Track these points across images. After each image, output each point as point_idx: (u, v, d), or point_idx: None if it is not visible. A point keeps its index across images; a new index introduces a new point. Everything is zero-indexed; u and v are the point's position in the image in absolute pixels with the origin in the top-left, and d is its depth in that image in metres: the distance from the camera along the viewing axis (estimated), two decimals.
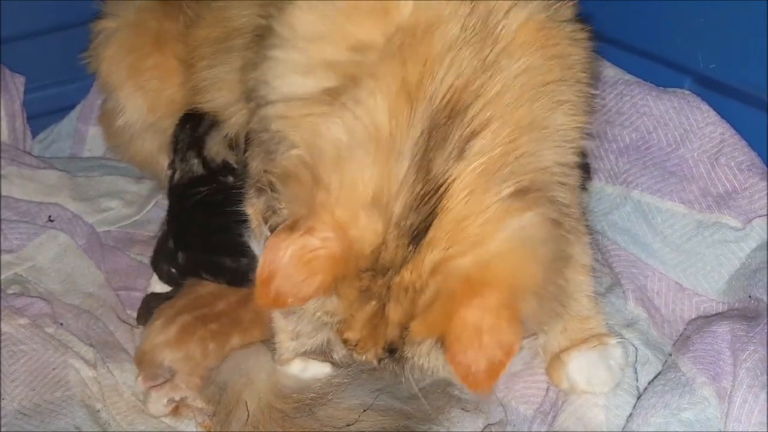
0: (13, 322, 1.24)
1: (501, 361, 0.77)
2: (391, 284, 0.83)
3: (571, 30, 0.93)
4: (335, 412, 1.09)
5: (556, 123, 0.88)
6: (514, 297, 0.78)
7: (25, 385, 1.18)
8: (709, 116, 1.21)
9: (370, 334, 0.87)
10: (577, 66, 0.92)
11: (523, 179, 0.84)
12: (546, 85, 0.87)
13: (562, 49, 0.90)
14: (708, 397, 0.96)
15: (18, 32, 1.60)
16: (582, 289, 1.13)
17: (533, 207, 0.83)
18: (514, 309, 0.77)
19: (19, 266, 1.38)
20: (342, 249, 0.82)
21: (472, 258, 0.79)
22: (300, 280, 0.82)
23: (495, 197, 0.81)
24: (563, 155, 0.90)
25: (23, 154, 1.62)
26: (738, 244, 1.14)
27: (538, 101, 0.86)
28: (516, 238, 0.81)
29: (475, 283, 0.78)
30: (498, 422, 1.13)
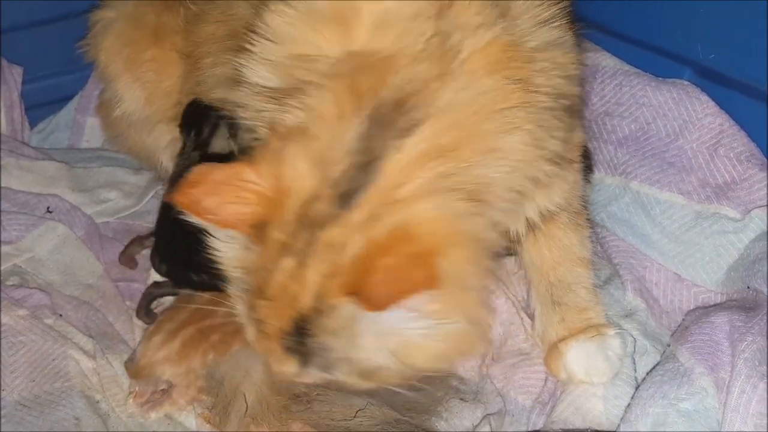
0: (12, 314, 1.24)
1: (404, 289, 0.75)
2: (315, 240, 0.82)
3: (545, 57, 0.91)
4: (332, 406, 1.09)
5: (509, 147, 0.87)
6: (431, 251, 0.78)
7: (25, 376, 1.18)
8: (708, 107, 1.21)
9: (282, 301, 0.85)
10: (544, 94, 0.90)
11: (462, 181, 0.84)
12: (501, 107, 0.86)
13: (525, 74, 0.88)
14: (706, 387, 0.96)
15: (16, 23, 1.60)
16: (580, 281, 1.14)
17: (464, 197, 0.84)
18: (430, 260, 0.76)
19: (18, 257, 1.38)
20: (274, 192, 0.84)
21: (396, 217, 0.80)
22: (225, 201, 0.85)
23: (428, 173, 0.82)
24: (514, 181, 0.90)
25: (21, 145, 1.61)
26: (737, 234, 1.14)
27: (489, 121, 0.85)
28: (442, 208, 0.81)
29: (394, 238, 0.78)
30: (497, 412, 1.13)
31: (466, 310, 0.84)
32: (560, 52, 0.93)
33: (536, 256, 1.15)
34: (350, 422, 1.07)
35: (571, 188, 1.10)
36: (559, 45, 0.93)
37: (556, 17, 0.94)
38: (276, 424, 1.09)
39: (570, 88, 0.95)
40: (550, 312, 1.15)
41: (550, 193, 1.06)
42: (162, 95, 1.49)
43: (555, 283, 1.15)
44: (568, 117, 0.96)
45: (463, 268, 0.82)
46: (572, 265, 1.14)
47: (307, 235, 0.82)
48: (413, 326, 0.82)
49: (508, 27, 0.89)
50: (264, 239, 0.85)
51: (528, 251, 1.16)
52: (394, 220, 0.80)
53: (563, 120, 0.94)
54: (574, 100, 0.98)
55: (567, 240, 1.13)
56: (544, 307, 1.16)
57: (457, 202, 0.82)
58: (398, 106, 0.83)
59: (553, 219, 1.11)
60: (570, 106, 0.96)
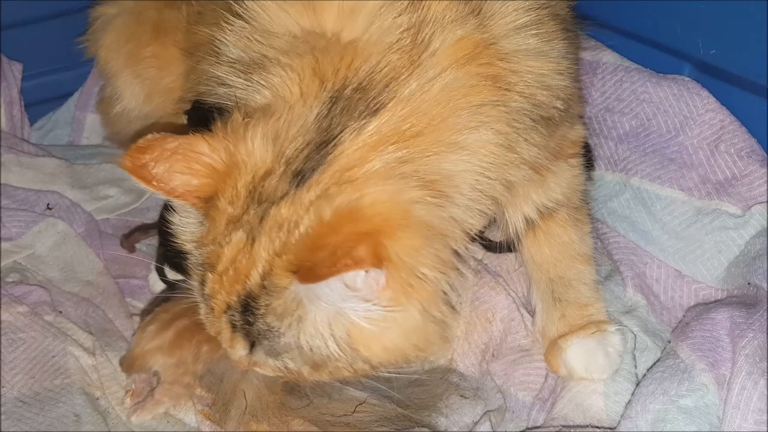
0: (12, 310, 1.24)
1: (344, 263, 0.73)
2: (266, 216, 0.81)
3: (520, 62, 0.90)
4: (330, 402, 1.09)
5: (475, 145, 0.86)
6: (378, 231, 0.76)
7: (25, 373, 1.18)
8: (708, 103, 1.21)
9: (230, 276, 0.84)
10: (518, 94, 0.89)
11: (420, 170, 0.83)
12: (470, 103, 0.85)
13: (497, 71, 0.87)
14: (707, 383, 0.96)
15: (16, 19, 1.60)
16: (580, 278, 1.14)
17: (420, 184, 0.82)
18: (376, 238, 0.75)
19: (17, 254, 1.38)
20: (226, 166, 0.84)
21: (346, 197, 0.79)
22: (175, 170, 0.85)
23: (385, 157, 0.82)
24: (480, 181, 0.88)
25: (21, 141, 1.61)
26: (737, 231, 1.14)
27: (455, 115, 0.85)
28: (395, 192, 0.80)
29: (342, 216, 0.77)
30: (497, 409, 1.13)
31: (420, 301, 0.82)
32: (539, 61, 0.91)
33: (536, 253, 1.15)
34: (350, 417, 1.07)
35: (569, 184, 1.10)
36: (538, 53, 0.91)
37: (536, 24, 0.92)
38: (276, 421, 1.09)
39: (548, 98, 0.93)
40: (551, 308, 1.15)
41: (546, 189, 1.06)
42: (162, 92, 1.49)
43: (556, 279, 1.15)
44: (544, 127, 0.94)
45: (414, 254, 0.79)
46: (573, 261, 1.14)
47: (259, 211, 0.82)
48: (358, 308, 0.81)
49: (481, 26, 0.88)
50: (214, 213, 0.85)
51: (528, 248, 1.15)
52: (345, 200, 0.78)
53: (540, 126, 0.93)
54: (552, 113, 0.95)
55: (567, 236, 1.13)
56: (544, 304, 1.16)
57: (412, 188, 0.81)
58: (362, 90, 0.83)
59: (552, 216, 1.11)
60: (548, 117, 0.94)
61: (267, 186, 0.83)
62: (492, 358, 1.21)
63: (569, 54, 0.97)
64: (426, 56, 0.85)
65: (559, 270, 1.14)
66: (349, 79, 0.84)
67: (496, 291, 1.24)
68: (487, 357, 1.21)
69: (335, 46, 0.86)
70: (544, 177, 1.04)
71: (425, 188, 0.82)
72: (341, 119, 0.83)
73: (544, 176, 1.04)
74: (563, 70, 0.94)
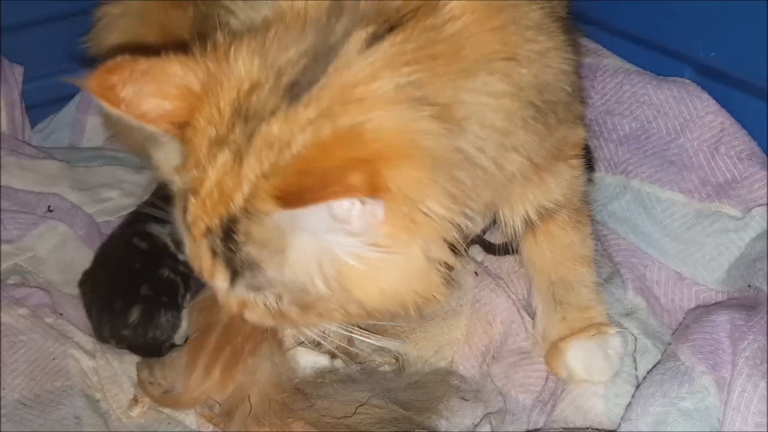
0: (12, 313, 1.24)
1: (333, 190, 0.65)
2: (255, 134, 0.74)
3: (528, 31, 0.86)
4: (331, 404, 1.09)
5: (486, 86, 0.80)
6: (378, 158, 0.69)
7: (25, 375, 1.18)
8: (709, 105, 1.21)
9: (213, 198, 0.77)
10: (526, 66, 0.84)
11: (434, 95, 0.76)
12: (493, 56, 0.80)
13: (510, 39, 0.83)
14: (707, 386, 0.96)
15: (17, 22, 1.59)
16: (581, 280, 1.14)
17: (433, 113, 0.75)
18: (373, 166, 0.67)
19: (18, 256, 1.38)
20: (203, 86, 0.78)
21: (349, 118, 0.71)
22: (146, 93, 0.78)
23: (399, 78, 0.74)
24: (489, 123, 0.82)
25: (22, 144, 1.61)
26: (737, 233, 1.14)
27: (471, 55, 0.79)
28: (405, 119, 0.73)
29: (341, 139, 0.70)
30: (497, 411, 1.13)
31: (423, 240, 0.75)
32: (543, 36, 0.87)
33: (537, 255, 1.14)
34: (350, 419, 1.07)
35: (570, 185, 1.09)
36: (542, 30, 0.88)
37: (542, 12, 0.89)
38: (278, 423, 1.09)
39: (554, 79, 0.90)
40: (552, 311, 1.15)
41: (545, 190, 1.05)
42: None
43: (556, 282, 1.14)
44: (544, 115, 0.89)
45: (419, 187, 0.72)
46: (574, 264, 1.14)
47: (246, 129, 0.75)
48: (347, 243, 0.74)
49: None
50: (193, 137, 0.79)
51: (528, 250, 1.15)
52: (347, 121, 0.71)
53: (540, 114, 0.88)
54: (560, 96, 0.92)
55: (567, 239, 1.12)
56: (545, 306, 1.16)
57: (425, 118, 0.74)
58: (378, 6, 0.77)
59: (552, 217, 1.10)
60: (555, 102, 0.91)
61: (255, 101, 0.75)
62: (492, 361, 1.21)
63: (570, 47, 0.94)
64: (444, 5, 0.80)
65: (560, 272, 1.14)
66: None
67: (496, 293, 1.24)
68: (487, 359, 1.21)
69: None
70: (543, 177, 1.03)
71: (439, 119, 0.75)
72: (346, 25, 0.76)
73: (543, 177, 1.03)
74: (568, 59, 0.91)
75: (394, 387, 1.13)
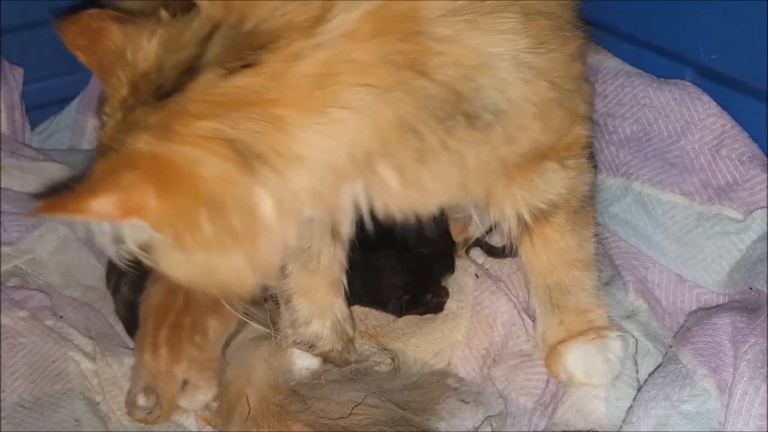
0: (12, 315, 1.24)
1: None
2: (130, 116, 0.80)
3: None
4: (327, 405, 1.09)
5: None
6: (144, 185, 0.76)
7: (25, 378, 1.18)
8: (710, 108, 1.20)
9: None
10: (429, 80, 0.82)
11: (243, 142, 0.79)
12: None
13: (415, 49, 0.81)
14: (708, 389, 0.96)
15: (17, 23, 1.59)
16: (579, 284, 1.12)
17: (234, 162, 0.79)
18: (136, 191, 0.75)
19: (18, 259, 1.38)
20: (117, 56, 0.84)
21: (152, 144, 0.77)
22: (92, 45, 0.87)
23: (213, 124, 0.78)
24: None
25: (22, 146, 1.61)
26: (739, 235, 1.13)
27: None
28: (196, 160, 0.78)
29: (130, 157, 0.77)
30: (498, 414, 1.13)
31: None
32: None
33: (533, 258, 1.12)
34: (347, 420, 1.07)
35: (566, 186, 1.05)
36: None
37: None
38: (275, 425, 1.09)
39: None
40: (550, 314, 1.14)
41: (534, 190, 1.02)
42: None
43: (553, 286, 1.13)
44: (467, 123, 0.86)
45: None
46: (570, 268, 1.12)
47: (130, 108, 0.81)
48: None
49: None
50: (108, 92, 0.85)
51: (525, 253, 1.13)
52: (158, 147, 0.77)
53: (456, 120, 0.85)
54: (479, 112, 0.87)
55: (564, 242, 1.10)
56: (543, 309, 1.15)
57: (225, 161, 0.77)
58: (250, 36, 0.79)
59: (548, 219, 1.07)
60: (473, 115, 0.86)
61: (144, 86, 0.81)
62: (493, 363, 1.21)
63: (538, 49, 0.88)
64: (330, 20, 0.79)
65: (556, 276, 1.12)
66: (240, 17, 0.80)
67: (497, 296, 1.24)
68: (488, 362, 1.21)
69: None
70: (529, 177, 1.00)
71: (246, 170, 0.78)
72: (216, 51, 0.79)
73: (529, 177, 1.00)
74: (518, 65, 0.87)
75: (391, 388, 1.13)
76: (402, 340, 1.25)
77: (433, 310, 1.28)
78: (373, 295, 1.29)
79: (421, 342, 1.24)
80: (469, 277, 1.28)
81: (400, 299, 1.27)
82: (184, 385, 1.20)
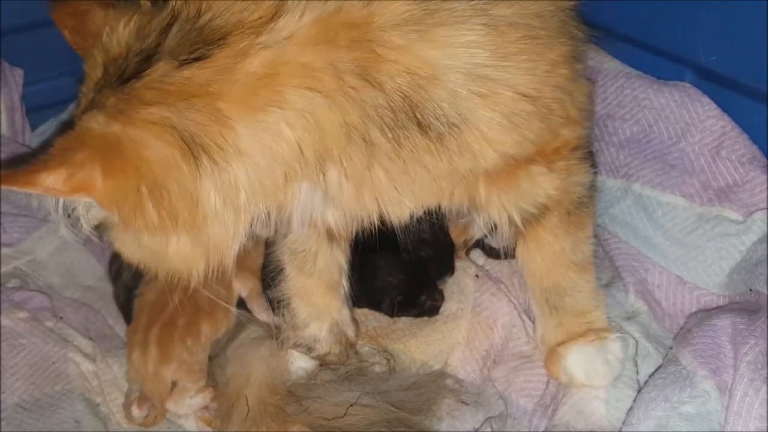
0: (12, 316, 1.24)
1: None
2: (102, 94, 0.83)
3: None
4: (322, 406, 1.09)
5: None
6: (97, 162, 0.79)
7: (25, 379, 1.18)
8: (710, 109, 1.20)
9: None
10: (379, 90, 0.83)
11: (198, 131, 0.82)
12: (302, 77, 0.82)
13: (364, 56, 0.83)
14: (709, 390, 0.96)
15: (17, 24, 1.59)
16: (575, 286, 1.12)
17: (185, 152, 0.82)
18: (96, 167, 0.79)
19: (18, 260, 1.38)
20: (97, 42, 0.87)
21: (114, 127, 0.80)
22: (78, 27, 0.91)
23: (165, 110, 0.81)
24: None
25: (22, 147, 1.61)
26: (739, 237, 1.14)
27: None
28: (144, 143, 0.81)
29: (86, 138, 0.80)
30: (498, 415, 1.13)
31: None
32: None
33: (529, 261, 1.12)
34: (342, 421, 1.07)
35: (557, 188, 1.03)
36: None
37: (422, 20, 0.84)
38: (273, 425, 1.09)
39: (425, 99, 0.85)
40: (548, 316, 1.14)
41: (520, 194, 1.00)
42: None
43: (549, 288, 1.12)
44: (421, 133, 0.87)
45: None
46: (566, 270, 1.11)
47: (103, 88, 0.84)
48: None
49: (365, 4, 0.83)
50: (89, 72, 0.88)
51: (521, 255, 1.12)
52: (113, 128, 0.80)
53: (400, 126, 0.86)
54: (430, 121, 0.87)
55: (558, 245, 1.09)
56: (541, 312, 1.15)
57: (170, 147, 0.80)
58: (203, 30, 0.82)
59: (540, 222, 1.06)
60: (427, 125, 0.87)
61: (111, 70, 0.84)
62: (493, 365, 1.21)
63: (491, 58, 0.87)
64: (278, 21, 0.82)
65: (552, 279, 1.12)
66: (198, 15, 0.83)
67: (497, 297, 1.24)
68: (488, 363, 1.21)
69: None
70: (515, 182, 0.98)
71: (190, 157, 0.81)
72: (171, 43, 0.82)
73: (515, 181, 0.98)
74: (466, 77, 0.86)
75: (387, 388, 1.14)
76: (402, 341, 1.24)
77: (428, 313, 1.27)
78: (369, 294, 1.29)
79: (422, 343, 1.24)
80: (470, 279, 1.28)
81: (394, 299, 1.26)
82: (173, 386, 1.20)
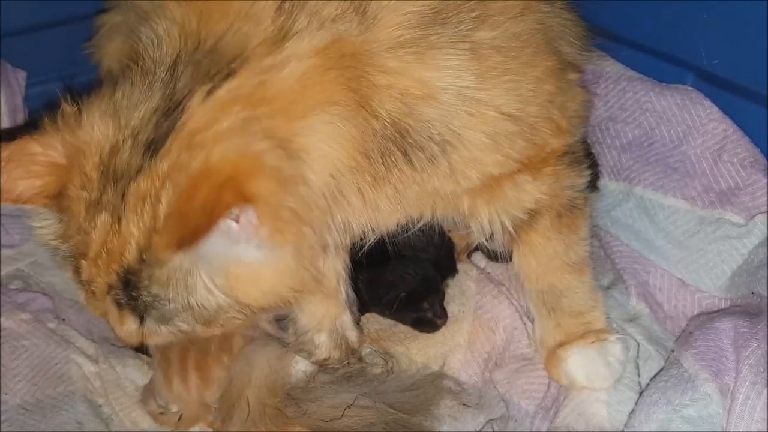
0: (14, 318, 1.25)
1: (216, 211, 0.72)
2: (127, 193, 0.80)
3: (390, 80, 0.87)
4: (320, 408, 1.09)
5: (325, 127, 0.85)
6: (236, 176, 0.75)
7: (27, 381, 1.18)
8: (711, 113, 1.21)
9: (104, 258, 0.83)
10: (375, 117, 0.87)
11: (270, 128, 0.82)
12: (322, 97, 0.84)
13: (360, 84, 0.85)
14: (710, 393, 0.96)
15: (19, 27, 1.59)
16: (572, 288, 1.12)
17: (271, 144, 0.81)
18: (236, 182, 0.74)
19: (20, 261, 1.38)
20: (67, 158, 0.84)
21: (196, 162, 0.78)
22: (15, 177, 0.85)
23: (232, 116, 0.80)
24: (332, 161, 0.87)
25: None
26: (740, 240, 1.14)
27: (308, 97, 0.84)
28: (240, 145, 0.79)
29: (197, 179, 0.76)
30: (500, 417, 1.13)
31: (291, 241, 0.81)
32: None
33: (524, 264, 1.12)
34: (340, 422, 1.07)
35: (544, 192, 1.03)
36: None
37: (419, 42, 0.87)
38: (273, 427, 1.09)
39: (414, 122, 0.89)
40: (546, 318, 1.14)
41: (506, 202, 1.01)
42: None
43: (545, 290, 1.13)
44: (404, 156, 0.90)
45: (274, 193, 0.78)
46: (561, 272, 1.11)
47: (118, 189, 0.81)
48: (237, 253, 0.80)
49: (362, 27, 0.86)
50: (69, 204, 0.85)
51: (517, 258, 1.13)
52: (195, 165, 0.77)
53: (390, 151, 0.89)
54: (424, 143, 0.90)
55: (551, 248, 1.09)
56: (539, 313, 1.15)
57: (259, 140, 0.80)
58: (214, 54, 0.83)
59: (532, 226, 1.06)
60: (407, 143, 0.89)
61: (119, 162, 0.82)
62: (495, 367, 1.21)
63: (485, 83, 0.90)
64: (291, 44, 0.84)
65: (547, 281, 1.12)
66: (204, 41, 0.84)
67: (498, 300, 1.24)
68: (489, 366, 1.21)
69: (197, 9, 0.86)
70: (501, 190, 1.00)
71: (273, 141, 0.81)
72: (187, 82, 0.82)
73: (501, 189, 1.00)
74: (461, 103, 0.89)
75: (384, 390, 1.13)
76: (404, 344, 1.25)
77: (425, 326, 1.26)
78: (374, 289, 1.28)
79: (423, 346, 1.24)
80: (471, 281, 1.28)
81: (398, 295, 1.25)
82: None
